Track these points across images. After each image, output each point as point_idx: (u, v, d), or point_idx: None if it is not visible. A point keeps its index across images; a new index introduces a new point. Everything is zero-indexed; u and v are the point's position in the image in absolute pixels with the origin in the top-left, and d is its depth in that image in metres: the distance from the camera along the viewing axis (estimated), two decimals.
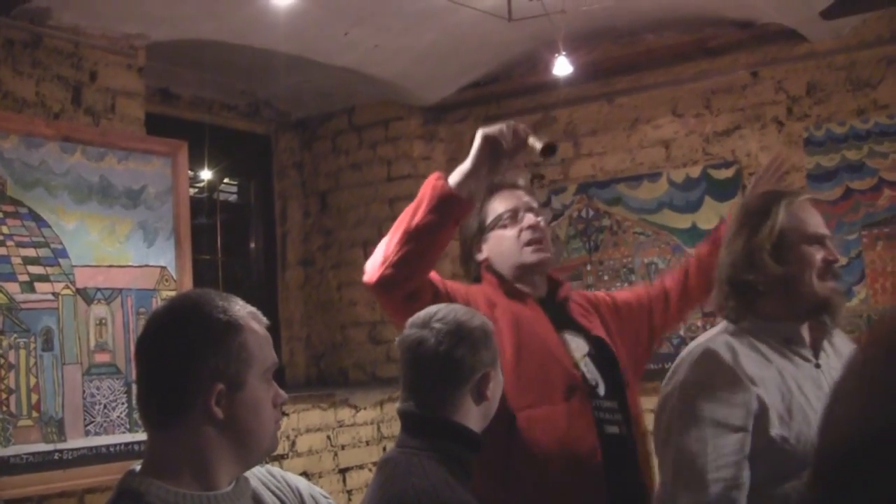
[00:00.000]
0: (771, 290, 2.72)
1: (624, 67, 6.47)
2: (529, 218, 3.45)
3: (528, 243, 3.40)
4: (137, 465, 2.04)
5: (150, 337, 2.07)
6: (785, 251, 2.71)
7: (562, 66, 5.58)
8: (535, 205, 3.55)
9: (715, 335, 2.82)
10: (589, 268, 6.52)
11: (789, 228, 2.72)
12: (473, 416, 2.67)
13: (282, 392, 2.12)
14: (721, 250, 2.85)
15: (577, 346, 3.35)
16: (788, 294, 2.72)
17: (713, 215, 6.10)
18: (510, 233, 3.43)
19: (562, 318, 3.42)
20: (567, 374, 3.24)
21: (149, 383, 2.04)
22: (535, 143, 3.16)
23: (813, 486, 0.99)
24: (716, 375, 2.63)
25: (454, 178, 3.16)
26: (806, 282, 2.70)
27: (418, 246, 3.08)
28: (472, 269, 3.56)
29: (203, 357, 1.99)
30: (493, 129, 3.20)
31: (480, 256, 3.49)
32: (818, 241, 2.75)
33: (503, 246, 3.44)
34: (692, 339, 6.05)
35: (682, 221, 6.22)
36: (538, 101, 6.80)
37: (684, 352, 2.82)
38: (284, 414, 5.87)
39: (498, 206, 3.50)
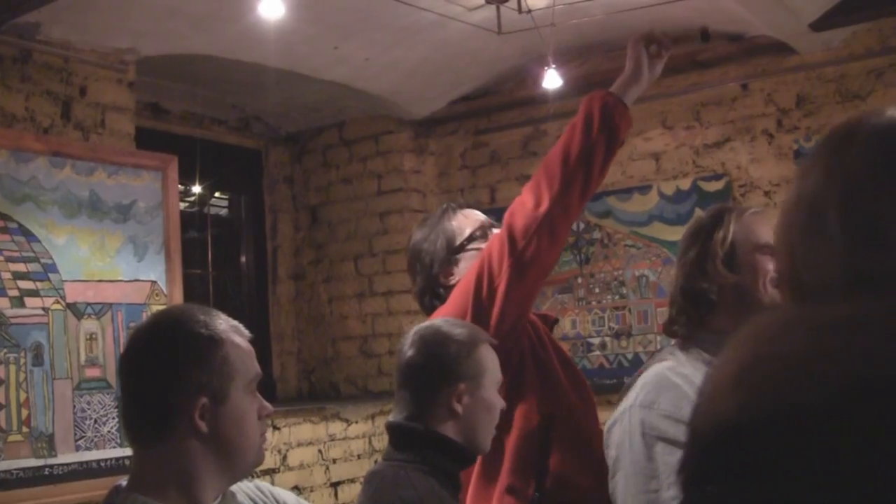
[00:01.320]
0: (724, 301, 2.70)
1: (614, 81, 6.47)
2: None
3: None
4: (124, 481, 2.04)
5: (133, 353, 2.08)
6: (737, 260, 2.71)
7: (552, 80, 5.59)
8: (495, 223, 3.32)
9: (663, 354, 2.80)
10: (580, 280, 6.52)
11: (741, 238, 2.73)
12: (450, 431, 2.62)
13: (267, 404, 2.12)
14: (675, 265, 2.85)
15: None
16: (742, 303, 2.70)
17: None
18: None
19: None
20: (587, 388, 3.20)
21: (133, 399, 2.04)
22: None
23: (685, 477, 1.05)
24: (661, 394, 2.60)
25: (618, 88, 3.04)
26: (759, 290, 2.70)
27: (592, 167, 2.93)
28: (429, 302, 3.26)
29: (186, 372, 1.99)
30: (644, 30, 3.12)
31: (452, 280, 3.20)
32: (770, 251, 2.74)
33: None
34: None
35: (673, 234, 6.21)
36: (528, 114, 6.81)
37: (633, 377, 2.79)
38: (275, 427, 5.86)
39: (463, 224, 3.28)
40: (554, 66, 5.55)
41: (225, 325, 2.06)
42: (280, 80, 6.32)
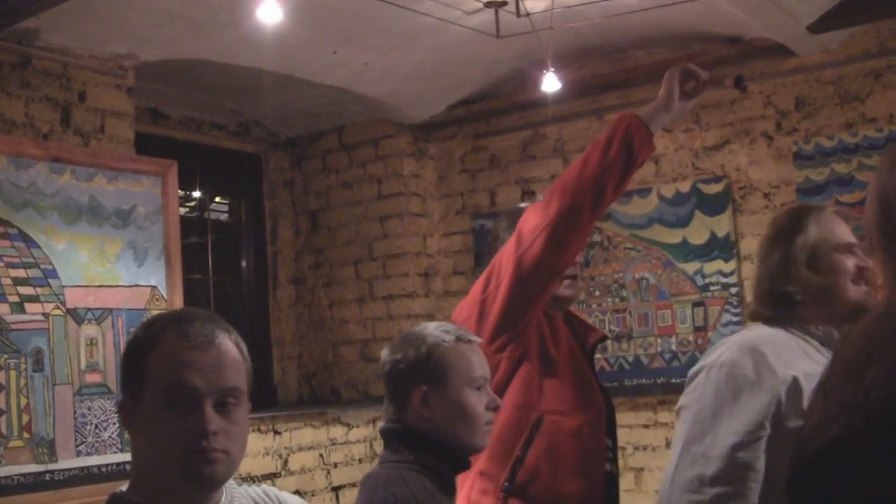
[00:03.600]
0: (809, 300, 2.83)
1: (613, 84, 6.49)
2: None
3: (565, 277, 3.26)
4: (124, 486, 2.04)
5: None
6: (819, 261, 2.83)
7: (550, 83, 5.59)
8: None
9: (754, 328, 2.92)
10: (580, 283, 6.51)
11: (821, 239, 2.85)
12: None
13: (204, 420, 1.94)
14: (756, 266, 2.95)
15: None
16: (826, 301, 2.82)
17: (703, 230, 6.11)
18: None
19: None
20: (597, 399, 3.19)
21: None
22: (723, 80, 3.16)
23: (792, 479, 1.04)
24: (749, 358, 2.70)
25: (646, 113, 3.04)
26: (841, 287, 2.81)
27: (606, 185, 2.95)
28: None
29: (123, 375, 2.04)
30: (684, 65, 3.16)
31: None
32: (848, 249, 2.87)
33: None
34: (684, 353, 6.05)
35: (673, 236, 6.22)
36: (527, 118, 6.81)
37: (722, 342, 2.90)
38: (276, 432, 5.86)
39: None
40: (552, 69, 5.55)
41: (176, 331, 2.00)
42: (279, 84, 6.32)
